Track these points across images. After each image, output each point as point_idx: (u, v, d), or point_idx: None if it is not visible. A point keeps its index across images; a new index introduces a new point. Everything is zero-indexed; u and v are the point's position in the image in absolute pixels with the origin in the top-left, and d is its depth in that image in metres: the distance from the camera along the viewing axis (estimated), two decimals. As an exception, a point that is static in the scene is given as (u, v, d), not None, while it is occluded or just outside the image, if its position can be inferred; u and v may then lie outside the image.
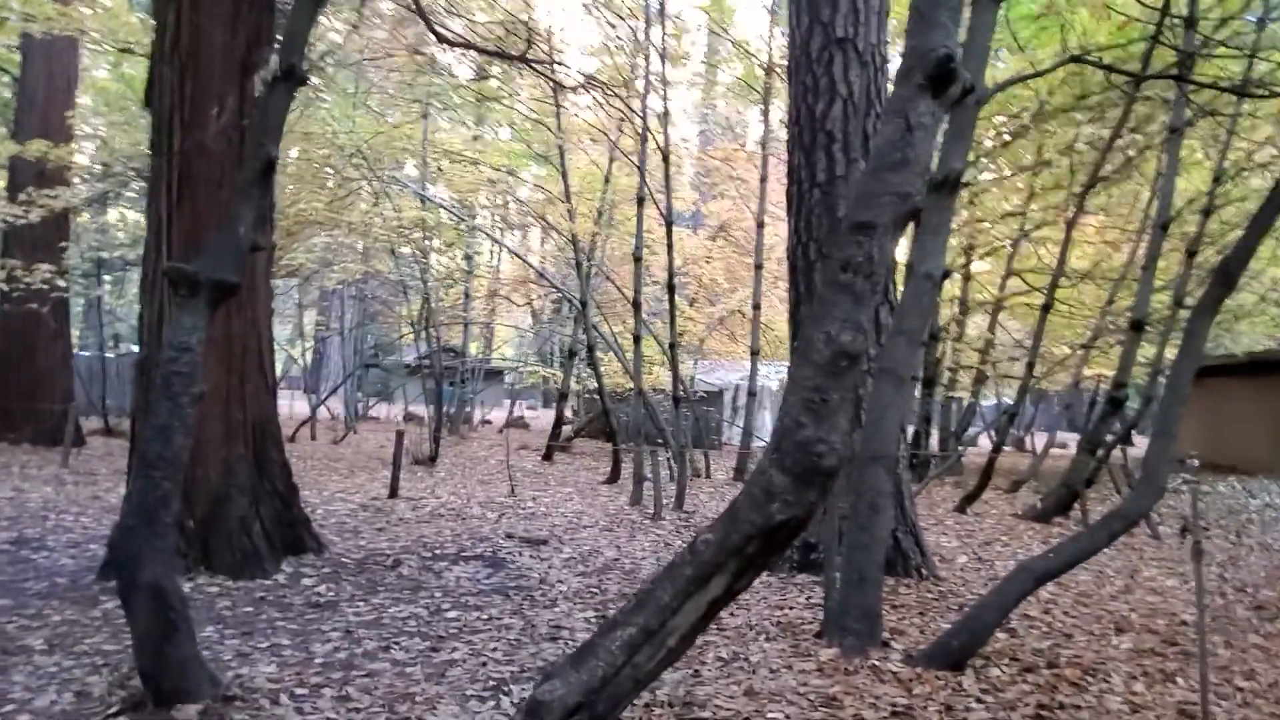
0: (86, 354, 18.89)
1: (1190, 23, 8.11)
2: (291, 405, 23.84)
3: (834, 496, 5.49)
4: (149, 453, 3.52)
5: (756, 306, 13.73)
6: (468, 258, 20.94)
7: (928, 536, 8.42)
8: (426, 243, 16.47)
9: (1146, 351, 12.43)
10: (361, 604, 5.45)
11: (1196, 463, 4.44)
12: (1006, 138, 12.05)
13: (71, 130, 13.45)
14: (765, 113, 14.89)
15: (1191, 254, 11.19)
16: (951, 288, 16.81)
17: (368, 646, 4.57)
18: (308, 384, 21.68)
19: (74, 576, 5.82)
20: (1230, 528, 10.86)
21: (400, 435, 10.74)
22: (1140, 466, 5.62)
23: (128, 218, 19.99)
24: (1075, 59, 5.55)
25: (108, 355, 18.07)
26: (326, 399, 20.55)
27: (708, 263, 20.39)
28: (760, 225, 13.72)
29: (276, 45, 6.00)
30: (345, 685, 3.93)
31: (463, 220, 17.84)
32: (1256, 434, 16.80)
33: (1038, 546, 8.78)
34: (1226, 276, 4.48)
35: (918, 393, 15.13)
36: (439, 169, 15.87)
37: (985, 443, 18.93)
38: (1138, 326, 10.47)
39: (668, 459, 12.37)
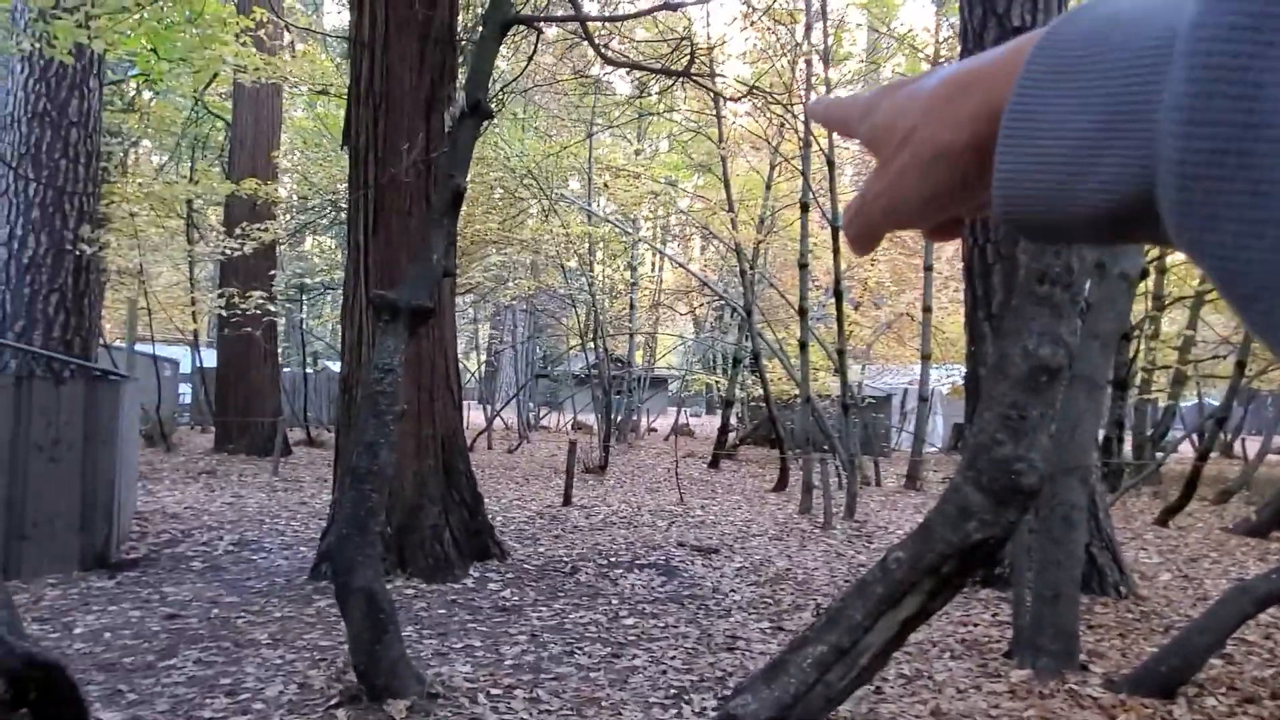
0: (289, 370, 20.66)
1: None
2: (468, 416, 25.13)
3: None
4: (358, 467, 3.84)
5: (927, 309, 13.26)
6: (631, 269, 21.37)
7: (1125, 552, 7.86)
8: (592, 256, 16.95)
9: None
10: (544, 609, 5.69)
11: None
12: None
13: (277, 169, 14.79)
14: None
15: None
16: (1144, 282, 15.59)
17: (553, 650, 4.76)
18: (483, 395, 22.77)
19: (289, 576, 6.38)
20: None
21: (573, 445, 11.11)
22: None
23: (324, 244, 21.72)
24: None
25: (308, 371, 19.68)
26: (502, 410, 21.50)
27: (873, 265, 19.86)
28: (929, 225, 13.26)
29: (459, 82, 6.40)
30: (535, 687, 4.12)
31: (626, 233, 18.23)
32: None
33: (1254, 564, 8.02)
34: None
35: (1109, 396, 14.14)
36: (604, 184, 16.31)
37: (1187, 449, 17.41)
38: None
39: (836, 466, 12.14)
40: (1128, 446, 15.95)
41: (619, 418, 20.92)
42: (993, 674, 4.49)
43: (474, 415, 24.38)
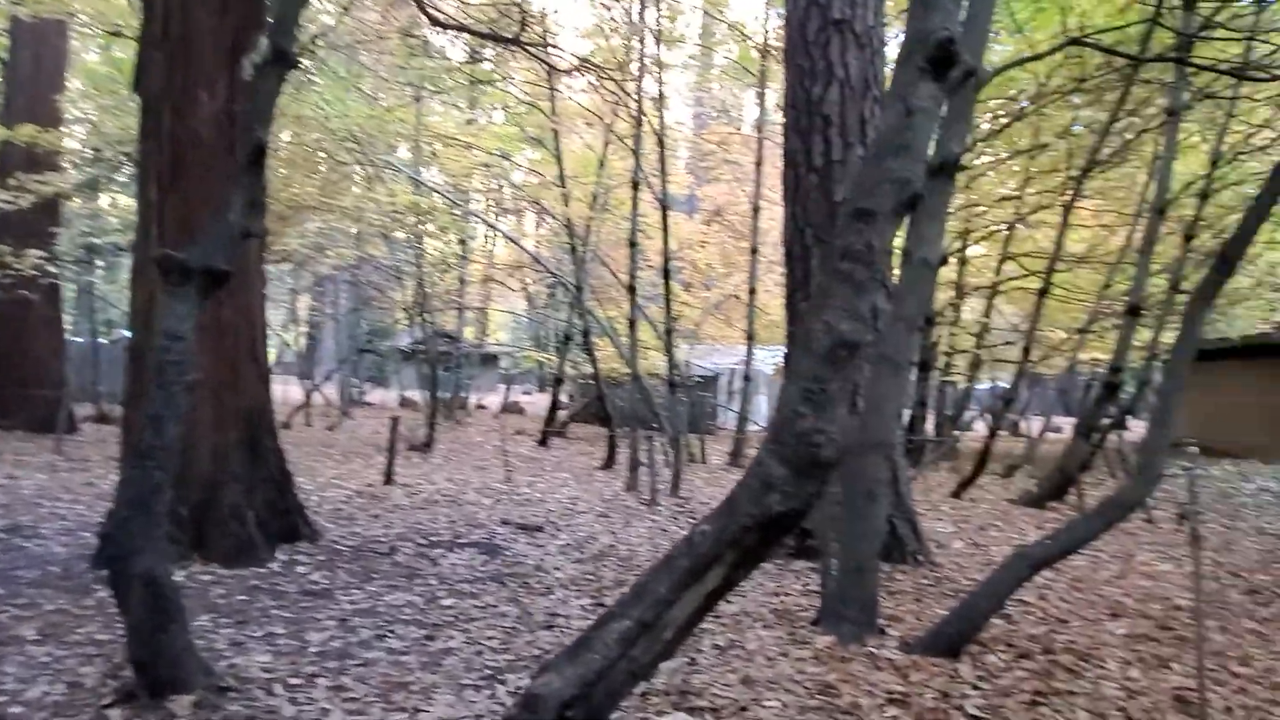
0: (79, 340, 18.80)
1: (1189, 4, 8.05)
2: (285, 391, 23.82)
3: (830, 483, 5.48)
4: (142, 442, 3.49)
5: (752, 291, 13.69)
6: (462, 242, 20.84)
7: (924, 522, 8.42)
8: (420, 227, 16.38)
9: (1143, 336, 12.42)
10: (357, 592, 5.43)
11: (1195, 449, 4.43)
12: (1004, 121, 11.97)
13: (61, 115, 13.31)
14: (761, 96, 14.79)
15: (1189, 238, 11.17)
16: (947, 272, 16.77)
17: (363, 635, 4.55)
18: (302, 369, 21.60)
19: (67, 565, 5.78)
20: (1225, 512, 10.91)
21: (395, 421, 10.71)
22: (1137, 452, 5.61)
23: (120, 203, 19.85)
24: (1075, 41, 5.50)
25: (101, 341, 17.97)
26: (321, 385, 20.49)
27: (703, 247, 20.33)
28: (756, 210, 13.66)
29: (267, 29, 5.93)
30: (340, 674, 3.91)
31: (457, 205, 17.73)
32: (1251, 418, 16.85)
33: (1033, 532, 8.79)
34: (1226, 262, 4.45)
35: (913, 377, 15.14)
36: (432, 153, 15.75)
37: (981, 427, 18.97)
38: (1134, 311, 10.46)
39: (663, 444, 12.36)
40: (930, 424, 17.17)
41: (447, 394, 20.44)
42: (800, 641, 4.67)
43: (293, 390, 23.15)
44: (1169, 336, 10.42)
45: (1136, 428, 16.24)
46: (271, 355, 23.54)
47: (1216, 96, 10.00)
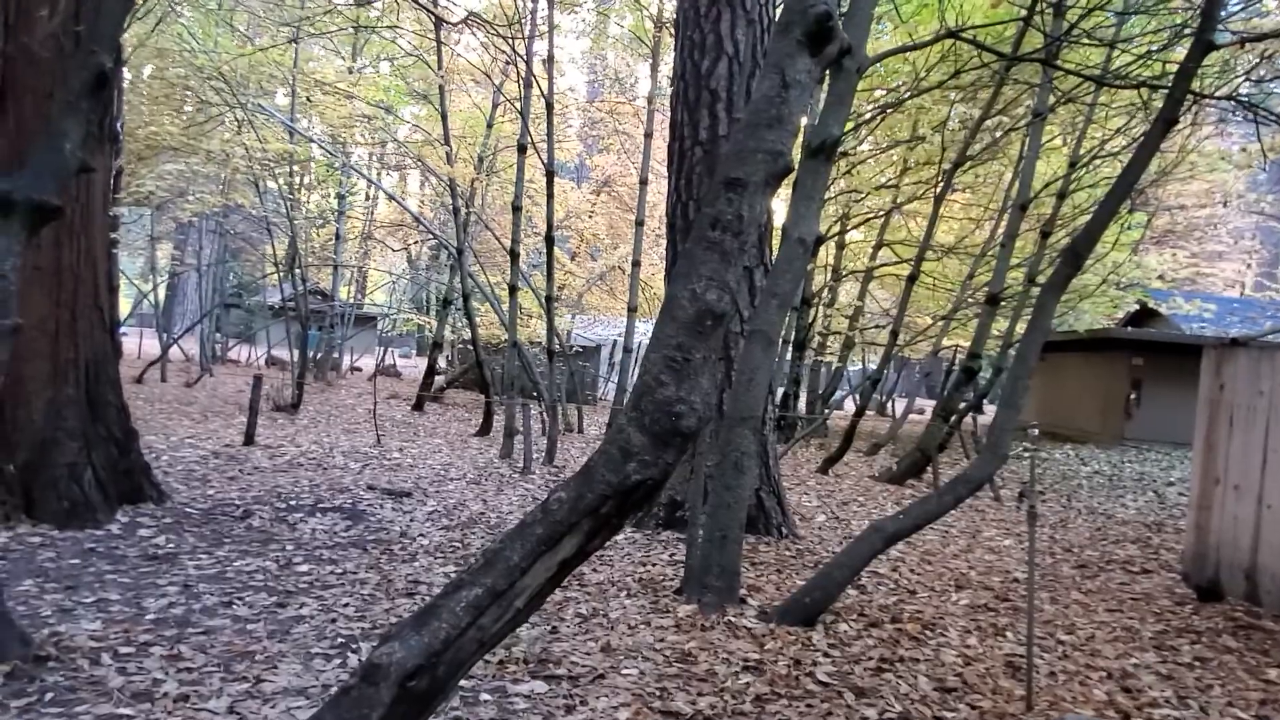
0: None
1: (1059, 10, 8.45)
2: (141, 344, 22.40)
3: (700, 455, 5.55)
4: (-49, 390, 3.17)
5: (636, 263, 13.70)
6: (340, 197, 20.01)
7: (790, 496, 8.68)
8: (295, 178, 15.60)
9: (1000, 325, 13.12)
10: (204, 556, 5.16)
11: (1036, 431, 4.68)
12: (884, 109, 12.33)
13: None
14: (654, 67, 14.73)
15: (1045, 234, 11.83)
16: (826, 255, 17.26)
17: (207, 602, 4.32)
18: (160, 322, 20.33)
19: None
20: (1062, 492, 11.69)
21: (258, 379, 10.22)
22: (987, 433, 5.93)
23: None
24: (951, 34, 5.68)
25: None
26: (179, 339, 19.35)
27: (590, 217, 20.21)
28: (643, 182, 13.64)
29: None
30: (178, 643, 3.70)
31: (335, 156, 16.97)
32: (1090, 406, 18.11)
33: (891, 507, 9.19)
34: (1074, 258, 4.71)
35: (789, 356, 15.55)
36: (308, 99, 14.98)
37: (851, 406, 19.70)
38: (993, 300, 11.02)
39: (540, 412, 12.27)
40: (802, 402, 17.71)
41: (318, 354, 19.69)
42: (663, 610, 4.72)
43: (149, 344, 21.80)
44: (1024, 326, 11.04)
45: (992, 411, 17.20)
46: (125, 306, 22.05)
47: (1078, 101, 10.58)
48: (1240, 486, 5.74)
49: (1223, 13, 6.66)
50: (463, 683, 3.43)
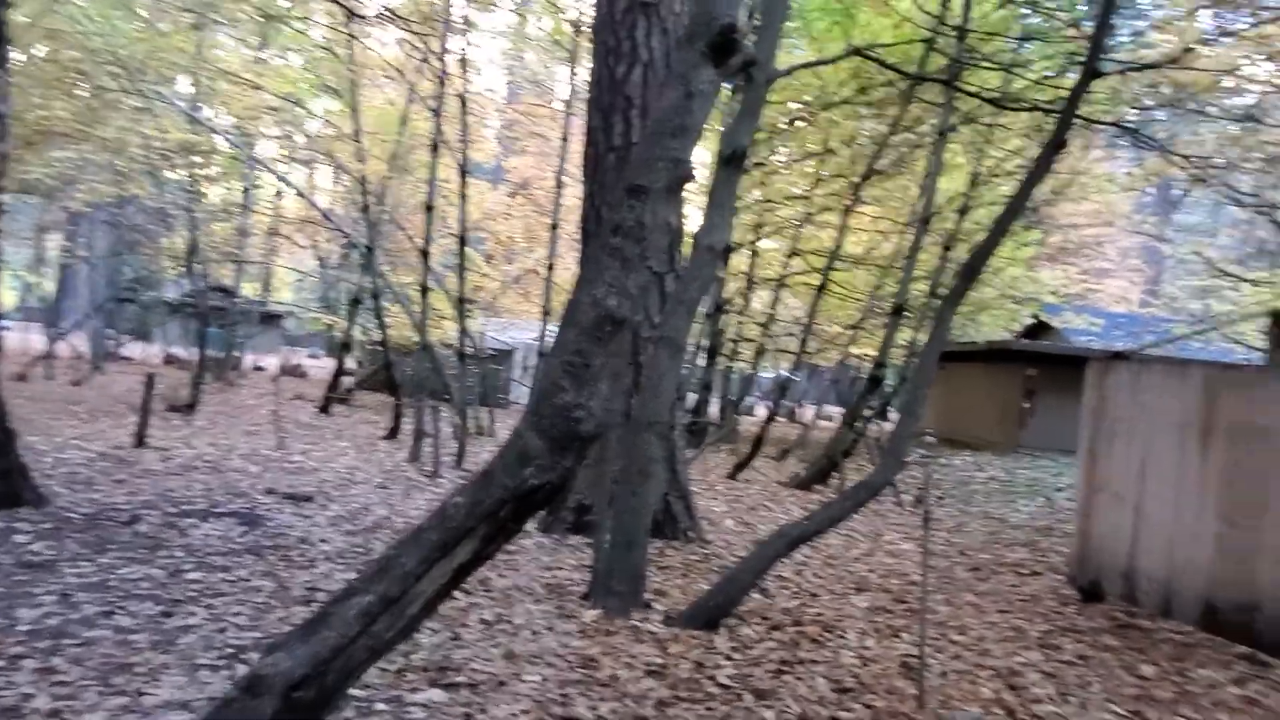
0: None
1: (961, 35, 8.79)
2: (25, 339, 21.18)
3: (608, 461, 5.55)
4: None
5: (551, 267, 13.64)
6: (245, 190, 19.33)
7: (699, 501, 8.75)
8: (196, 170, 15.00)
9: (905, 334, 13.53)
10: (86, 564, 4.90)
11: (933, 439, 4.84)
12: (798, 123, 12.61)
13: None
14: (573, 71, 14.72)
15: (947, 248, 12.27)
16: (740, 263, 17.51)
17: (87, 612, 4.10)
18: (47, 316, 19.24)
19: None
20: (960, 497, 12.12)
21: (150, 378, 9.77)
22: (888, 440, 6.11)
23: None
24: (856, 52, 5.85)
25: None
26: (68, 334, 18.37)
27: (506, 219, 20.04)
28: (559, 185, 13.60)
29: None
30: (52, 655, 3.50)
31: (240, 149, 16.39)
32: (988, 415, 18.82)
33: (798, 512, 9.36)
34: (970, 271, 4.90)
35: (701, 361, 15.71)
36: (211, 88, 14.42)
37: (762, 412, 20.00)
38: (898, 311, 11.38)
39: (451, 416, 12.09)
40: (714, 408, 17.91)
41: (219, 353, 18.98)
42: (568, 615, 4.70)
43: (35, 339, 20.63)
44: (926, 336, 11.41)
45: (896, 418, 17.71)
46: (10, 298, 20.83)
47: (978, 122, 11.03)
48: (1120, 493, 6.06)
49: (1111, 43, 7.04)
50: (357, 692, 3.35)
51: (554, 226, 13.38)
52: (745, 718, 3.53)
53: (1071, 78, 6.62)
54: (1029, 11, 10.20)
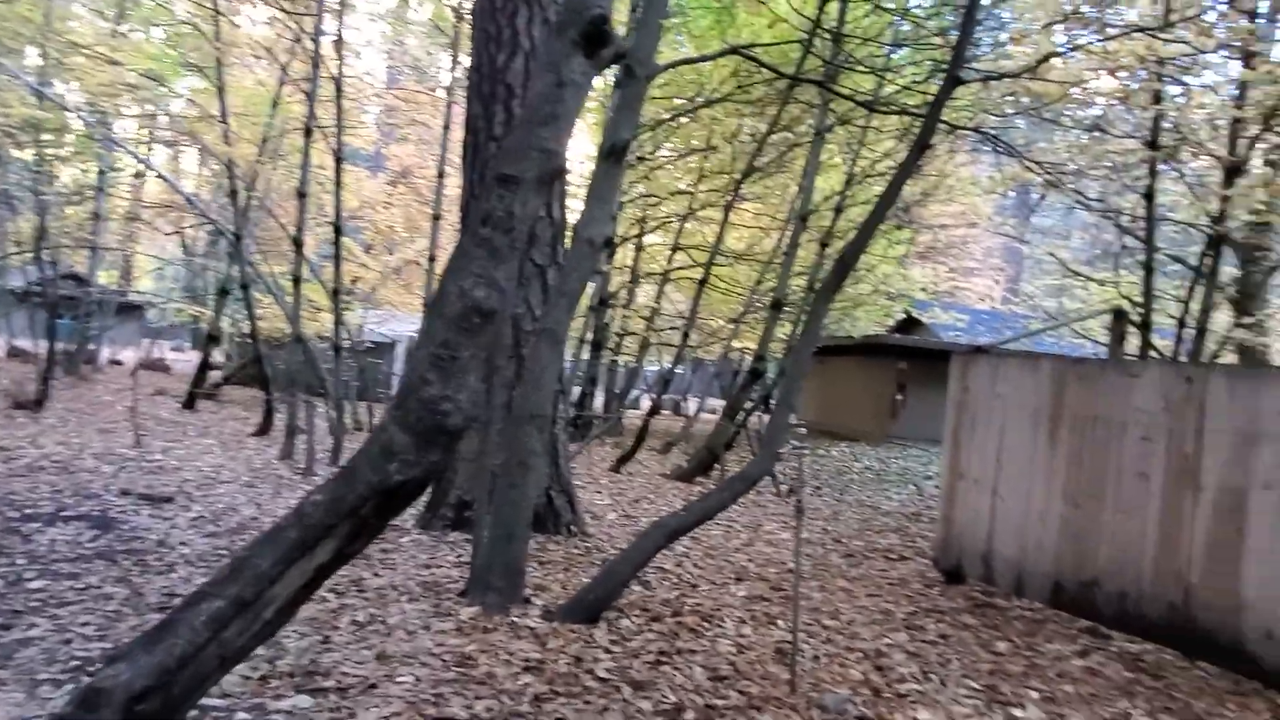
0: None
1: (837, 39, 9.06)
2: None
3: (489, 455, 5.47)
4: None
5: (432, 258, 13.32)
6: (101, 173, 18.09)
7: (583, 495, 8.75)
8: (45, 149, 13.94)
9: (784, 329, 13.89)
10: (-90, 576, 4.49)
11: (804, 430, 4.98)
12: (681, 119, 12.74)
13: None
14: (454, 58, 14.41)
15: (824, 245, 12.65)
16: (625, 258, 17.59)
17: (-92, 628, 3.76)
18: None
19: None
20: (836, 487, 12.55)
21: (-9, 373, 9.03)
22: (764, 432, 6.25)
23: None
24: (734, 50, 5.94)
25: None
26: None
27: (386, 208, 19.48)
28: (441, 175, 13.31)
29: None
30: None
31: (94, 127, 15.32)
32: (863, 407, 19.55)
33: (680, 504, 9.48)
34: (843, 266, 5.06)
35: (586, 355, 15.70)
36: (61, 61, 13.41)
37: (648, 405, 20.15)
38: (777, 306, 11.66)
39: (327, 411, 11.68)
40: (599, 401, 17.94)
41: (71, 346, 17.74)
42: (445, 613, 4.60)
43: None
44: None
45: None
46: None
47: (852, 124, 11.41)
48: (979, 480, 6.39)
49: (973, 53, 7.40)
50: (215, 702, 3.19)
51: (436, 217, 13.09)
52: (623, 709, 3.54)
53: (937, 84, 6.92)
54: (900, 19, 10.61)
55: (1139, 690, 4.37)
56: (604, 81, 11.88)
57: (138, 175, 23.34)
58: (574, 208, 7.25)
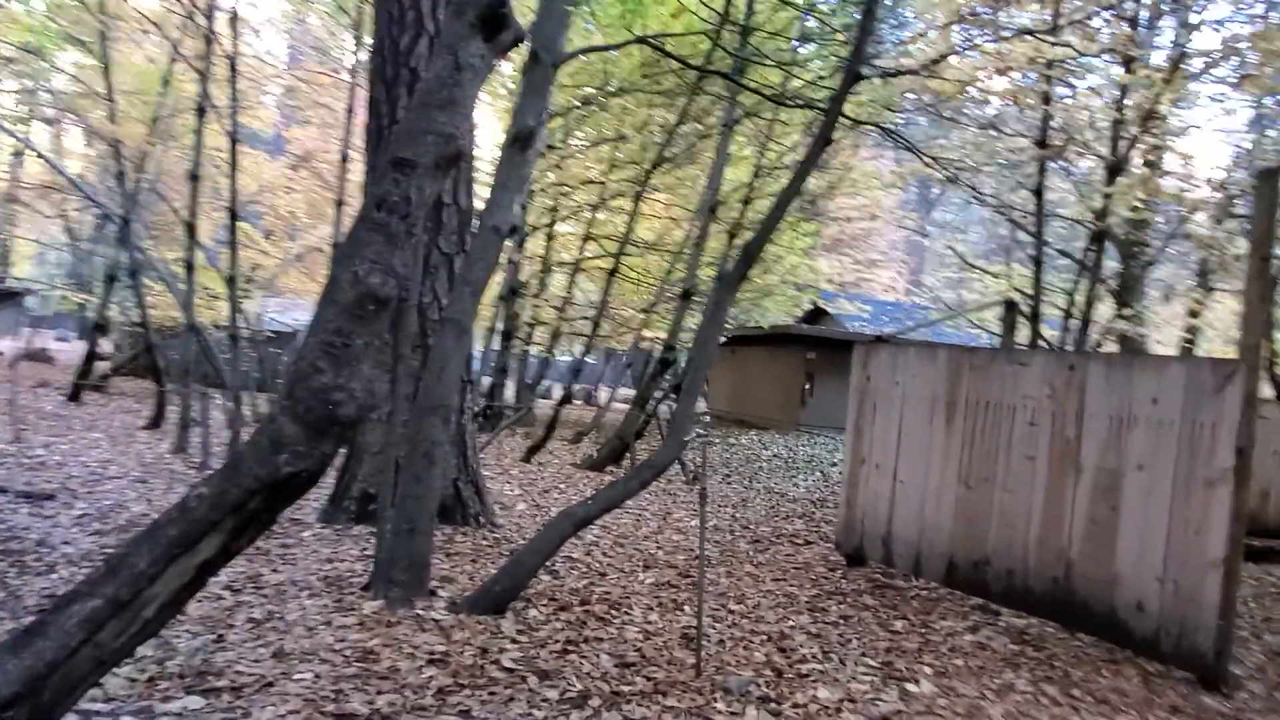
0: None
1: (745, 32, 9.16)
2: None
3: (394, 447, 5.36)
4: None
5: (336, 245, 12.94)
6: (-27, 151, 16.96)
7: (493, 485, 8.68)
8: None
9: (694, 318, 14.03)
10: None
11: (709, 418, 5.04)
12: (591, 108, 12.70)
13: None
14: (358, 40, 14.01)
15: (732, 235, 12.82)
16: (536, 247, 17.45)
17: None
18: None
19: None
20: (746, 474, 12.77)
21: None
22: (669, 421, 6.31)
23: None
24: (641, 40, 5.96)
25: None
26: None
27: (287, 193, 18.84)
28: (344, 159, 12.95)
29: None
30: None
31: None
32: (772, 396, 19.95)
33: (590, 492, 9.47)
34: (748, 257, 5.13)
35: (497, 345, 15.54)
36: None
37: (559, 395, 20.07)
38: (687, 295, 11.76)
39: (224, 402, 11.25)
40: (510, 391, 17.78)
41: (-59, 336, 16.61)
42: (347, 608, 4.50)
43: None
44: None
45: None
46: None
47: (760, 117, 11.58)
48: (880, 465, 6.59)
49: (874, 49, 7.59)
50: (98, 706, 3.05)
51: (339, 203, 12.73)
52: (528, 699, 3.53)
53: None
54: (806, 14, 10.80)
55: (1023, 661, 4.59)
56: (513, 67, 11.75)
57: (16, 154, 21.97)
58: (483, 195, 7.16)
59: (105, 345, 18.43)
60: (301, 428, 1.95)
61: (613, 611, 4.90)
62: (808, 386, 18.93)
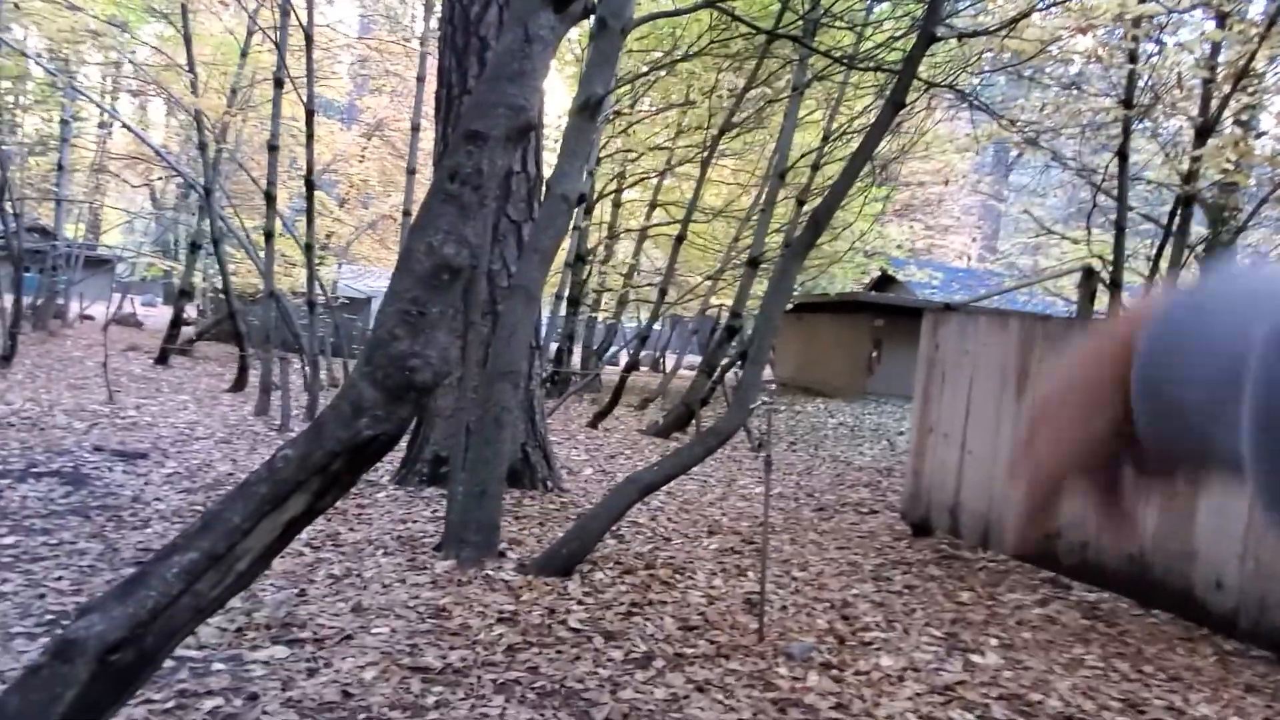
0: None
1: (816, -8, 8.97)
2: None
3: (466, 411, 5.50)
4: None
5: (407, 213, 13.18)
6: (64, 122, 17.67)
7: (560, 450, 8.82)
8: (5, 97, 13.57)
9: (761, 286, 13.91)
10: (-120, 531, 4.48)
11: (774, 386, 5.04)
12: (659, 73, 12.61)
13: None
14: (428, 8, 14.13)
15: (801, 202, 12.64)
16: (603, 213, 17.49)
17: (-122, 583, 3.77)
18: None
19: None
20: (811, 442, 12.70)
21: (-43, 328, 8.91)
22: (735, 389, 6.31)
23: None
24: (711, 4, 5.89)
25: None
26: None
27: (361, 161, 19.20)
28: (415, 128, 13.12)
29: None
30: None
31: (56, 75, 14.93)
32: (839, 363, 19.72)
33: (656, 459, 9.56)
34: (815, 225, 5.08)
35: (564, 311, 15.69)
36: (17, 5, 13.00)
37: (626, 361, 20.20)
38: (754, 263, 11.68)
39: (302, 367, 11.64)
40: (577, 358, 17.96)
41: (39, 300, 17.49)
42: (420, 567, 4.66)
43: None
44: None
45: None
46: None
47: (830, 79, 11.34)
48: (949, 434, 6.50)
49: (951, 8, 7.36)
50: (192, 653, 3.24)
51: (411, 171, 12.93)
52: (594, 659, 3.62)
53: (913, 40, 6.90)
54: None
55: (1094, 636, 4.52)
56: (580, 34, 11.72)
57: (103, 125, 22.80)
58: (551, 162, 7.20)
59: (190, 311, 19.17)
60: (380, 393, 2.03)
61: (677, 576, 4.97)
62: (875, 354, 18.66)
